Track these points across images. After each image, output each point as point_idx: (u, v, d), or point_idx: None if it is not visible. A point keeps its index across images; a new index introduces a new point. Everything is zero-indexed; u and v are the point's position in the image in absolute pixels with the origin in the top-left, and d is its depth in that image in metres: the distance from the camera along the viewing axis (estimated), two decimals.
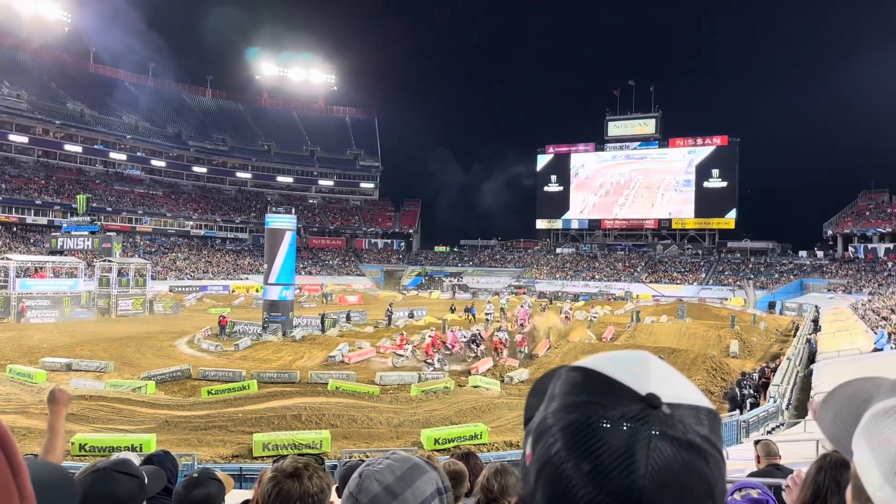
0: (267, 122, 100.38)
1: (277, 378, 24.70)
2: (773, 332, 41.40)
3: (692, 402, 0.70)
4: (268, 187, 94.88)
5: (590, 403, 0.68)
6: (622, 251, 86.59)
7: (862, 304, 42.84)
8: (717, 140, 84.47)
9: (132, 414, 18.74)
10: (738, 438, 15.88)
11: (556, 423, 0.69)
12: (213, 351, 31.23)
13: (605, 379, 0.70)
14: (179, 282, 65.02)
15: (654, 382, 0.70)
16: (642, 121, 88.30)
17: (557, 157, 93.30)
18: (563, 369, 0.75)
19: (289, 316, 36.63)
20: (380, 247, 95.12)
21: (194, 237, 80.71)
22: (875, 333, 27.54)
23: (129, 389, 21.96)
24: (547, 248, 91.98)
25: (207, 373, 25.18)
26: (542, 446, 0.70)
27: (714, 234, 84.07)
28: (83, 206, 56.44)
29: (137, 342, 32.60)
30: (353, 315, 43.98)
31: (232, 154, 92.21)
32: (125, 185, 79.18)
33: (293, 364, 28.31)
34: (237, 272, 73.67)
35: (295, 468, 1.82)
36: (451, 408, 20.27)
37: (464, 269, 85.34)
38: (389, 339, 34.57)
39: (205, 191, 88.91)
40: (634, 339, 35.12)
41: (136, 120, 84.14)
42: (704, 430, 0.69)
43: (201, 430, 17.44)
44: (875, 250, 67.96)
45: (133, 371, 25.54)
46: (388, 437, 17.48)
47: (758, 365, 28.15)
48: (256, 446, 15.64)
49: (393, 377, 25.09)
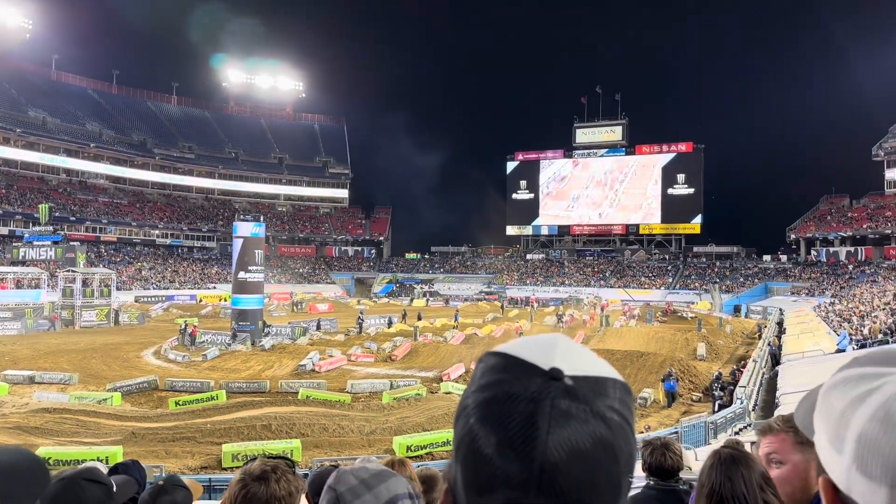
0: (234, 130, 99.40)
1: (247, 388, 24.46)
2: (739, 334, 42.12)
3: (597, 374, 0.74)
4: (235, 195, 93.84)
5: (500, 381, 0.72)
6: (591, 257, 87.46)
7: (825, 307, 43.76)
8: (683, 147, 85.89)
9: (98, 426, 18.38)
10: (707, 439, 16.10)
11: (471, 403, 0.73)
12: (180, 361, 30.78)
13: (514, 359, 0.74)
14: (145, 292, 63.98)
15: (560, 359, 0.73)
16: (609, 128, 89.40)
17: (526, 164, 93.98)
18: (484, 355, 0.78)
19: (258, 325, 36.27)
20: (350, 254, 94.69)
21: (160, 246, 79.44)
22: (838, 335, 28.15)
23: (95, 401, 21.58)
24: (517, 254, 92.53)
25: (175, 383, 24.84)
26: (461, 426, 0.73)
27: (680, 238, 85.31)
28: (45, 215, 55.33)
29: (102, 353, 32.01)
30: (324, 323, 43.72)
31: (198, 162, 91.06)
32: (89, 194, 77.70)
33: (263, 374, 28.04)
34: (204, 281, 72.71)
35: (263, 471, 1.80)
36: (423, 414, 20.23)
37: (435, 276, 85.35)
38: (361, 346, 34.46)
39: (171, 199, 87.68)
40: (604, 342, 35.43)
41: (99, 128, 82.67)
42: (609, 399, 0.72)
43: (169, 442, 17.18)
44: (837, 254, 69.48)
45: (98, 383, 25.08)
46: (359, 446, 17.39)
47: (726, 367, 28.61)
48: (225, 457, 15.44)
49: (364, 385, 25.00)
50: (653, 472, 3.27)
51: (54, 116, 78.92)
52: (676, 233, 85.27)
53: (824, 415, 0.81)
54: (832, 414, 0.79)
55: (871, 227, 67.95)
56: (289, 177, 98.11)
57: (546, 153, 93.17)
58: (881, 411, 0.73)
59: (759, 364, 25.18)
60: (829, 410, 0.80)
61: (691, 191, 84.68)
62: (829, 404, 0.81)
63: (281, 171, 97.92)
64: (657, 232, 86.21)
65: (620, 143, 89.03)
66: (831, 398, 0.81)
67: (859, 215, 71.63)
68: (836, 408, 0.79)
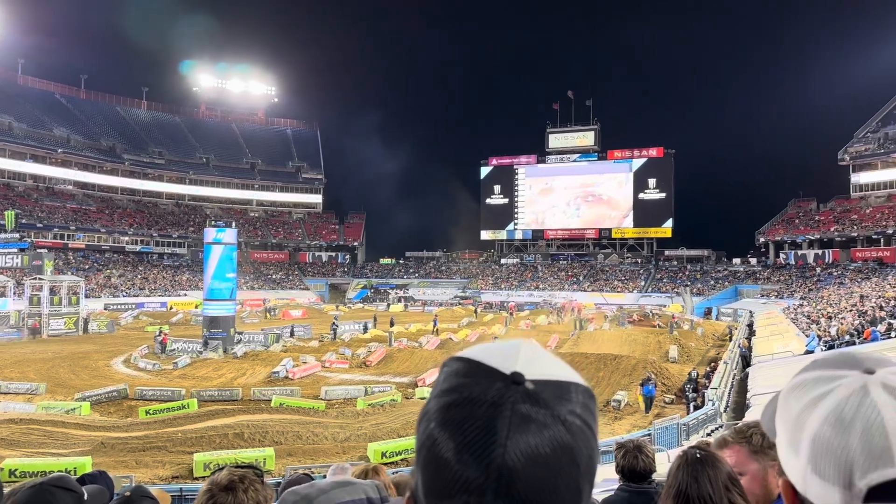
0: (205, 135, 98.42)
1: (218, 396, 24.19)
2: (711, 337, 42.59)
3: (559, 379, 0.73)
4: (206, 201, 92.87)
5: (462, 386, 0.71)
6: (565, 261, 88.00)
7: (793, 309, 44.47)
8: (653, 151, 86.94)
9: (66, 437, 18.02)
10: (679, 441, 16.24)
11: (433, 408, 0.73)
12: (150, 370, 30.33)
13: (476, 364, 0.73)
14: (115, 299, 62.99)
15: (522, 363, 0.73)
16: (582, 133, 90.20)
17: (500, 169, 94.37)
18: (448, 360, 0.78)
19: (230, 332, 35.90)
20: (324, 260, 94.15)
21: (130, 253, 78.23)
22: (807, 336, 28.59)
23: (63, 411, 21.17)
24: (491, 258, 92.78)
25: (145, 392, 24.46)
26: (421, 430, 0.73)
27: (652, 242, 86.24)
28: (11, 222, 54.26)
29: (71, 362, 31.43)
30: (298, 330, 43.41)
31: (169, 167, 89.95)
32: (56, 201, 76.30)
33: (235, 381, 27.75)
34: (175, 288, 71.76)
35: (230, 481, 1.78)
36: (398, 420, 20.13)
37: (409, 281, 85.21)
38: (335, 352, 34.26)
39: (140, 205, 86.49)
40: (578, 346, 35.63)
41: (67, 133, 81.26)
42: (570, 404, 0.71)
43: (139, 452, 16.89)
44: (805, 256, 70.73)
45: (66, 392, 24.62)
46: (334, 453, 17.25)
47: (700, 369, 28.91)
48: (197, 466, 15.22)
49: (339, 391, 24.83)
50: (625, 474, 3.29)
51: (21, 121, 77.43)
52: (648, 237, 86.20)
53: (783, 418, 0.84)
54: (790, 417, 0.82)
55: (837, 230, 69.28)
56: (261, 182, 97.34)
57: (520, 158, 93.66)
58: (833, 414, 0.75)
59: (729, 366, 25.47)
60: (787, 413, 0.83)
61: (662, 195, 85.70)
62: (787, 407, 0.83)
63: (253, 176, 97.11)
64: (629, 236, 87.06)
65: (592, 149, 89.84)
66: (789, 401, 0.83)
67: (826, 218, 73.02)
68: (793, 411, 0.81)
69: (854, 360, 0.82)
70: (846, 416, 0.74)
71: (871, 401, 0.75)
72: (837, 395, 0.77)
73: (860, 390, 0.77)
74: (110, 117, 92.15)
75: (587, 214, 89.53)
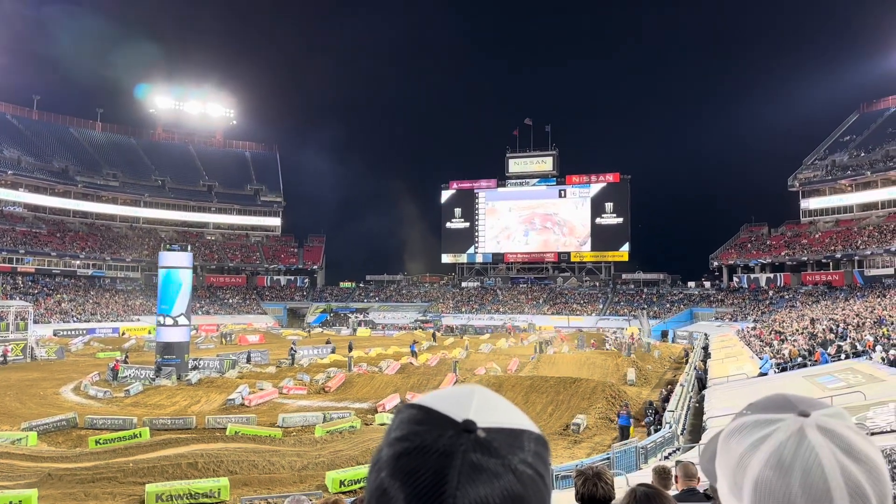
0: (161, 157, 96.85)
1: (171, 424, 23.62)
2: (667, 359, 43.17)
3: (512, 427, 0.73)
4: (162, 224, 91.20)
5: (413, 434, 0.71)
6: (525, 284, 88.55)
7: (747, 331, 45.38)
8: (610, 177, 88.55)
9: (10, 468, 17.36)
10: (638, 465, 16.34)
11: (384, 456, 0.72)
12: (101, 398, 29.48)
13: (428, 411, 0.73)
14: (65, 325, 61.23)
15: (474, 410, 0.73)
16: (540, 158, 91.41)
17: (461, 192, 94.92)
18: (402, 406, 0.78)
19: (183, 358, 35.13)
20: (283, 283, 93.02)
21: (81, 277, 76.21)
22: (760, 359, 29.19)
23: (8, 442, 20.41)
24: (452, 282, 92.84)
25: (95, 421, 23.79)
26: (372, 479, 0.73)
27: (610, 266, 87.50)
28: None
29: (17, 390, 30.40)
30: (255, 355, 42.70)
31: (123, 189, 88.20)
32: (5, 223, 74.02)
33: (189, 409, 27.14)
34: (128, 313, 70.10)
35: None
36: (357, 447, 19.85)
37: (370, 305, 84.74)
38: (293, 378, 33.76)
39: (93, 228, 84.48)
40: (538, 369, 35.73)
41: (18, 154, 79.19)
42: (523, 453, 0.71)
43: (88, 483, 16.31)
44: (757, 280, 72.44)
45: (12, 422, 23.78)
46: (290, 482, 16.91)
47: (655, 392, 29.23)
48: (149, 498, 14.79)
49: (296, 418, 24.46)
50: (585, 501, 3.28)
51: None
52: (606, 260, 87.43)
53: (724, 462, 0.85)
54: (731, 460, 0.83)
55: (788, 255, 71.21)
56: (218, 205, 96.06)
57: (480, 182, 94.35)
58: (774, 457, 0.77)
59: (686, 388, 25.82)
60: (728, 457, 0.84)
61: (619, 220, 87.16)
62: (728, 451, 0.84)
63: (210, 199, 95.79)
64: (588, 260, 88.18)
65: (551, 173, 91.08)
66: (730, 445, 0.84)
67: (777, 243, 75.03)
68: (734, 454, 0.83)
69: (788, 404, 0.84)
70: (785, 459, 0.76)
71: (808, 443, 0.77)
72: (776, 438, 0.78)
73: (797, 433, 0.78)
74: (63, 139, 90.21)
75: (546, 238, 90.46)
